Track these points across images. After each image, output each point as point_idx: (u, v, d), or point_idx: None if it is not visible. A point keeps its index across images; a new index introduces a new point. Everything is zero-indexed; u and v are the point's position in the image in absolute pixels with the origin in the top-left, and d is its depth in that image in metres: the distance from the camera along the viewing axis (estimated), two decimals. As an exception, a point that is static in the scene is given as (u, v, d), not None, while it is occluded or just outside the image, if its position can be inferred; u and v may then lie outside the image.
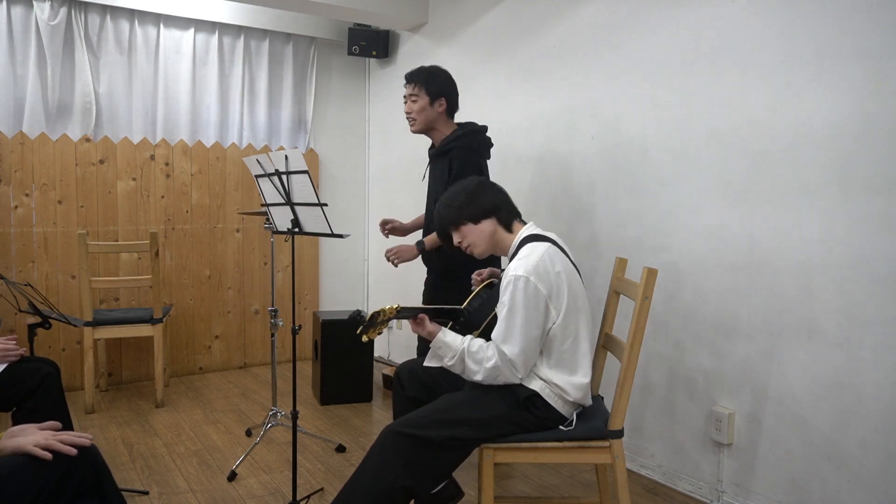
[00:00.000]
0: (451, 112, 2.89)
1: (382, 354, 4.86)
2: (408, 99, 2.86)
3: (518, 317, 1.88)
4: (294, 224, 2.45)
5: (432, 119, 2.84)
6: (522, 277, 1.88)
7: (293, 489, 2.43)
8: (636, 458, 2.91)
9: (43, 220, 3.91)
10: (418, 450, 1.84)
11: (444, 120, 2.87)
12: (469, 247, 2.10)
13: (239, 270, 4.55)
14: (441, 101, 2.83)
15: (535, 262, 1.90)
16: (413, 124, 2.86)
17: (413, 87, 2.83)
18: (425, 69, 2.86)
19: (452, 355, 1.93)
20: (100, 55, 4.03)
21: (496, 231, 2.08)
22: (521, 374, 1.92)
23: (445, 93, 2.84)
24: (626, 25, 2.90)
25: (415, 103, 2.83)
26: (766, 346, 2.40)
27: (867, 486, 2.13)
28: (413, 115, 2.84)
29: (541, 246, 1.96)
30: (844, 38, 2.15)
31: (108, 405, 3.77)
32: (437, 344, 1.96)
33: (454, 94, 2.88)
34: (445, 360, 1.95)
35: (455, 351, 1.92)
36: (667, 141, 2.74)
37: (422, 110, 2.82)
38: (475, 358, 1.90)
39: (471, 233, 2.07)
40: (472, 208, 2.06)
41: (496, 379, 1.91)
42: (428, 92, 2.81)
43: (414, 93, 2.83)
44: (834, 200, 2.20)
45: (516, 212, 2.14)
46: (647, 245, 2.83)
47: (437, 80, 2.83)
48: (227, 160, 4.46)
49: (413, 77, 2.85)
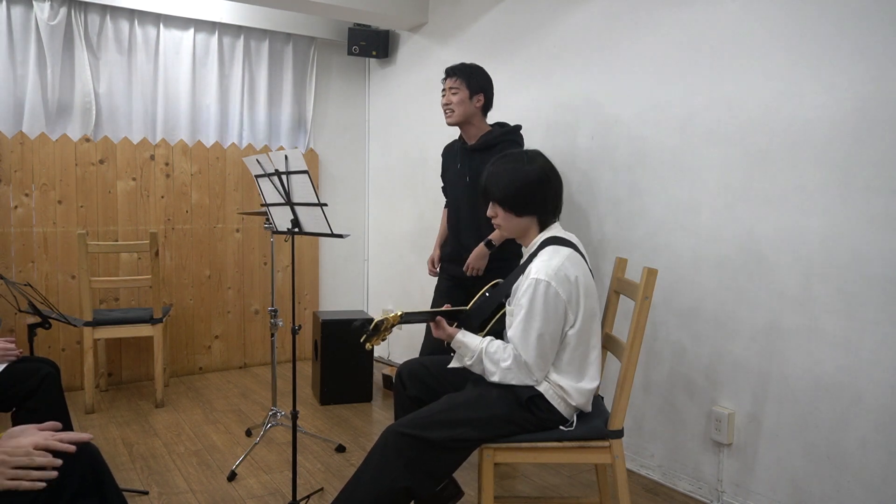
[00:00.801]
0: (486, 110, 2.96)
1: (382, 354, 4.86)
2: (447, 91, 2.92)
3: (536, 320, 1.88)
4: (294, 224, 2.45)
5: (470, 113, 2.91)
6: (544, 282, 1.88)
7: (293, 489, 2.43)
8: (636, 458, 2.91)
9: (43, 220, 3.91)
10: (419, 450, 1.84)
11: (480, 116, 2.95)
12: (499, 226, 2.09)
13: (239, 270, 4.55)
14: (480, 97, 2.90)
15: (557, 267, 1.90)
16: (450, 116, 2.92)
17: (455, 80, 2.90)
18: (467, 65, 2.94)
19: (472, 356, 1.96)
20: (100, 55, 4.03)
21: (531, 227, 2.06)
22: (537, 377, 1.93)
23: (485, 89, 2.92)
24: (625, 25, 2.90)
25: (455, 95, 2.89)
26: (766, 346, 2.41)
27: (867, 486, 2.13)
28: (452, 106, 2.90)
29: (563, 251, 1.96)
30: (844, 38, 2.15)
31: (107, 405, 3.76)
32: (456, 345, 2.00)
33: (492, 93, 2.97)
34: (465, 360, 1.99)
35: (474, 352, 1.96)
36: (667, 141, 2.74)
37: (461, 103, 2.88)
38: (492, 359, 1.93)
39: (509, 220, 2.05)
40: (521, 202, 2.01)
41: (512, 380, 1.92)
42: (469, 86, 2.88)
43: (455, 86, 2.89)
44: (834, 200, 2.20)
45: (559, 211, 2.10)
46: (647, 245, 2.83)
47: (478, 76, 2.92)
48: (226, 160, 4.46)
49: (456, 71, 2.92)
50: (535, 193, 2.00)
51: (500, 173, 2.03)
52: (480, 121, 2.95)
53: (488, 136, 2.90)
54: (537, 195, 2.00)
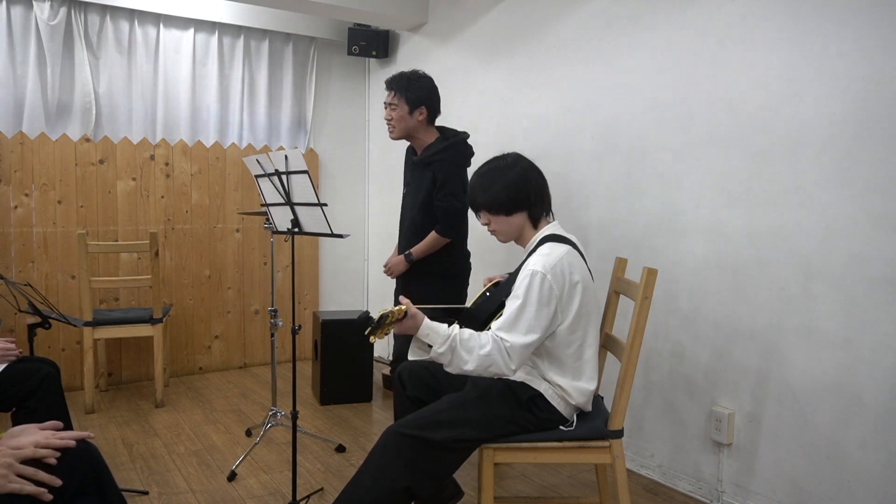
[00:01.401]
0: (431, 119, 2.87)
1: (382, 354, 4.86)
2: (387, 106, 2.83)
3: (528, 310, 1.87)
4: (294, 224, 2.45)
5: (412, 127, 2.84)
6: (539, 273, 1.88)
7: (293, 489, 2.43)
8: (636, 458, 2.91)
9: (43, 220, 3.91)
10: (419, 451, 1.84)
11: (425, 128, 2.86)
12: (494, 232, 2.10)
13: (239, 270, 4.55)
14: (421, 110, 2.81)
15: (554, 261, 1.91)
16: (392, 132, 2.86)
17: (393, 94, 2.81)
18: (406, 75, 2.83)
19: (442, 342, 1.82)
20: (100, 55, 4.03)
21: (525, 226, 2.07)
22: (515, 367, 1.86)
23: (426, 101, 2.81)
24: (625, 25, 2.90)
25: (394, 111, 2.81)
26: (766, 346, 2.41)
27: (867, 486, 2.13)
28: (392, 122, 2.83)
29: (561, 247, 1.97)
30: (844, 38, 2.15)
31: (107, 405, 3.76)
32: (425, 331, 1.84)
33: (436, 101, 2.86)
34: (435, 347, 1.83)
35: (444, 337, 1.82)
36: (667, 141, 2.74)
37: (401, 119, 2.81)
38: (467, 346, 1.82)
39: (501, 223, 2.07)
40: (507, 201, 2.03)
41: (487, 369, 1.83)
42: (408, 101, 2.79)
43: (393, 101, 2.81)
44: (833, 200, 2.20)
45: (548, 206, 2.11)
46: (647, 245, 2.83)
47: (417, 87, 2.80)
48: (226, 160, 4.46)
49: (393, 84, 2.82)
50: (518, 190, 2.03)
51: (480, 183, 2.07)
52: (426, 133, 2.86)
53: (427, 152, 2.82)
54: (521, 192, 2.03)
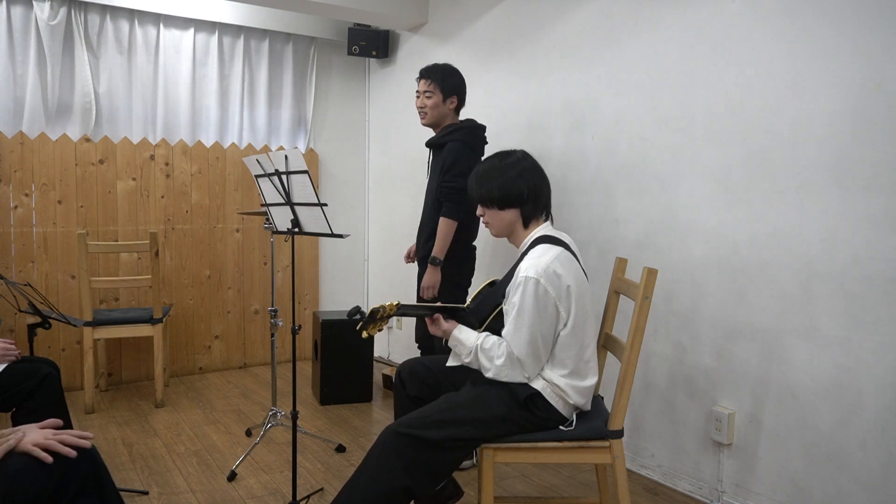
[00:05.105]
0: (459, 109, 3.06)
1: (382, 354, 4.86)
2: (421, 94, 3.01)
3: (526, 317, 1.90)
4: (294, 224, 2.45)
5: (444, 115, 3.01)
6: (532, 279, 1.89)
7: (293, 489, 2.43)
8: (636, 458, 2.91)
9: (43, 220, 3.91)
10: (418, 450, 1.84)
11: (453, 116, 3.05)
12: (487, 224, 2.16)
13: (239, 270, 4.55)
14: (453, 99, 3.00)
15: (546, 264, 1.91)
16: (424, 118, 3.03)
17: (429, 83, 2.98)
18: (440, 66, 3.01)
19: (468, 352, 1.98)
20: (100, 55, 4.03)
21: (516, 223, 2.10)
22: (529, 374, 1.94)
23: (458, 91, 3.01)
24: (625, 25, 2.90)
25: (429, 99, 2.99)
26: (766, 346, 2.41)
27: (867, 486, 2.13)
28: (426, 109, 2.99)
29: (553, 249, 1.97)
30: (844, 39, 2.15)
31: (107, 405, 3.76)
32: (453, 342, 2.01)
33: (465, 92, 3.06)
34: (462, 357, 2.00)
35: (469, 348, 1.97)
36: (667, 141, 2.74)
37: (435, 106, 2.99)
38: (487, 355, 1.95)
39: (493, 216, 2.12)
40: (501, 195, 2.07)
41: (505, 377, 1.94)
42: (442, 89, 2.97)
43: (429, 89, 2.98)
44: (834, 200, 2.20)
45: (543, 208, 2.13)
46: (647, 245, 2.83)
47: (452, 78, 3.00)
48: (226, 160, 4.46)
49: (429, 73, 2.99)
50: (514, 186, 2.06)
51: (480, 172, 2.13)
52: (452, 121, 3.04)
53: (442, 132, 2.99)
54: (515, 188, 2.06)
